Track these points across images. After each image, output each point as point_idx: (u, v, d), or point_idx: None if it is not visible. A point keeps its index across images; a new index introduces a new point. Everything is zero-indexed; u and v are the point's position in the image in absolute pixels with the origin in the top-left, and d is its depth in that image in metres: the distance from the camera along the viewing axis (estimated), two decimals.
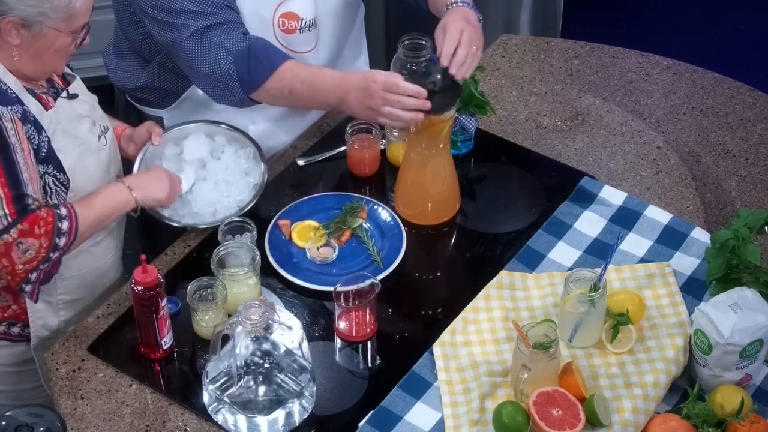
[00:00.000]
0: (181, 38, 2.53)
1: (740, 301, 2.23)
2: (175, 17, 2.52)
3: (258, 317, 2.15)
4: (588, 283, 2.29)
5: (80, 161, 2.39)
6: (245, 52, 2.53)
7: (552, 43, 3.26)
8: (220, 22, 2.53)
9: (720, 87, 3.09)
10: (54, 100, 2.37)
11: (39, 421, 2.04)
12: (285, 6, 2.64)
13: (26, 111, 2.28)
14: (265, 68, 2.54)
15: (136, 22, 2.67)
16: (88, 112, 2.45)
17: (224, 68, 2.53)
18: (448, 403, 2.24)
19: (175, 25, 2.53)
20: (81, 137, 2.40)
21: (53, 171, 2.34)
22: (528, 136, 2.87)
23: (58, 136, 2.34)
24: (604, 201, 2.66)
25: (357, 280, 2.37)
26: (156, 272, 2.27)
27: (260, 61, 2.54)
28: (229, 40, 2.53)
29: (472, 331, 2.38)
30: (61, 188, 2.37)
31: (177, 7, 2.52)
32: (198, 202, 2.58)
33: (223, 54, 2.53)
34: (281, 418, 2.21)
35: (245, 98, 2.59)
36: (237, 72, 2.53)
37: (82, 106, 2.44)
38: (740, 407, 2.15)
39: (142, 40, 2.71)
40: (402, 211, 2.65)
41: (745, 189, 2.78)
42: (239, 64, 2.53)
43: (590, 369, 2.28)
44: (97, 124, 2.47)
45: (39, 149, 2.30)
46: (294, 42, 2.68)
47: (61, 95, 2.39)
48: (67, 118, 2.38)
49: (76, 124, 2.40)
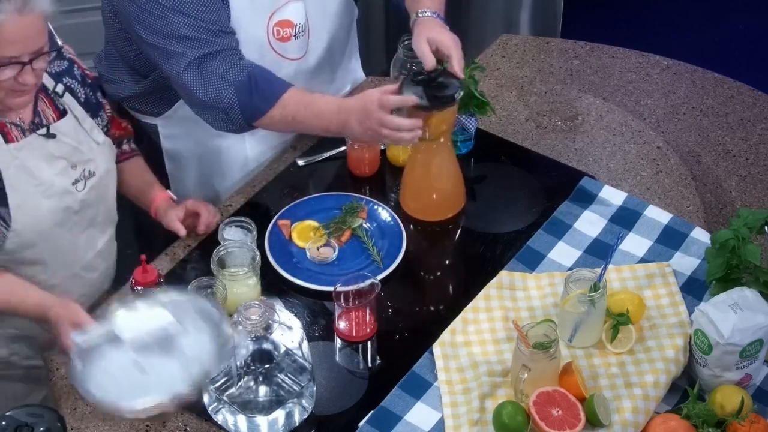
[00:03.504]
0: (178, 69, 2.50)
1: (740, 301, 2.23)
2: (168, 43, 2.49)
3: (258, 317, 2.15)
4: (588, 283, 2.29)
5: (31, 201, 2.29)
6: (246, 83, 2.50)
7: (552, 43, 3.26)
8: (217, 51, 2.49)
9: (720, 87, 3.09)
10: (23, 135, 2.28)
11: (39, 421, 2.04)
12: (279, 14, 2.62)
13: None
14: (268, 98, 2.52)
15: (126, 39, 2.64)
16: (65, 154, 2.34)
17: (225, 99, 2.50)
18: (448, 403, 2.24)
19: (169, 52, 2.49)
20: (42, 178, 2.30)
21: None
22: (528, 136, 2.87)
23: (12, 171, 2.26)
24: (604, 201, 2.66)
25: (357, 280, 2.37)
26: (156, 272, 2.27)
27: (262, 90, 2.51)
28: (229, 70, 2.50)
29: (472, 331, 2.38)
30: (1, 222, 2.28)
31: (171, 32, 2.47)
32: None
33: (224, 85, 2.50)
34: (281, 418, 2.21)
35: (246, 126, 2.57)
36: (239, 102, 2.51)
37: (59, 147, 2.34)
38: (740, 407, 2.15)
39: (135, 56, 2.67)
40: (408, 207, 2.65)
41: (745, 189, 2.78)
42: (241, 95, 2.50)
43: (590, 369, 2.28)
44: (78, 168, 2.37)
45: None
46: (288, 50, 2.67)
47: (38, 131, 2.30)
48: (34, 156, 2.29)
49: (42, 163, 2.30)
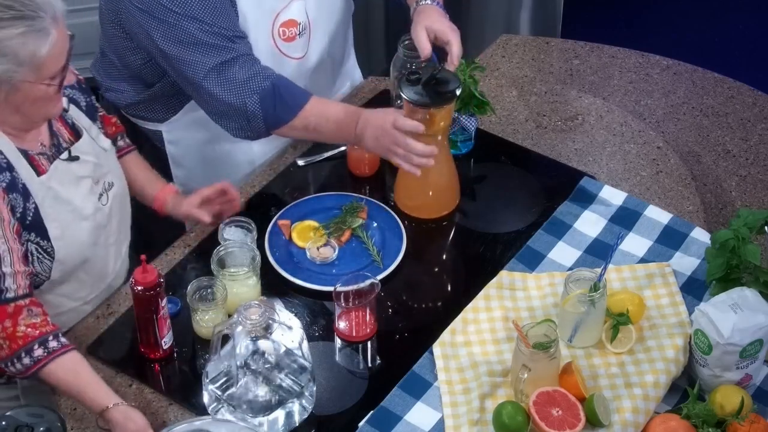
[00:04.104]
0: (198, 77, 2.51)
1: (740, 301, 2.23)
2: (184, 50, 2.49)
3: (258, 317, 2.15)
4: (588, 283, 2.29)
5: (69, 230, 2.30)
6: (270, 91, 2.52)
7: (552, 43, 3.26)
8: (235, 57, 2.51)
9: (720, 87, 3.09)
10: (50, 163, 2.28)
11: (39, 421, 2.04)
12: (284, 14, 2.63)
13: (14, 178, 2.21)
14: (291, 108, 2.55)
15: (132, 48, 2.63)
16: (89, 172, 2.36)
17: (250, 107, 2.52)
18: (448, 403, 2.24)
19: (186, 60, 2.50)
20: (75, 203, 2.31)
21: (36, 239, 2.26)
22: (528, 136, 2.87)
23: (48, 202, 2.27)
24: (604, 201, 2.66)
25: (357, 280, 2.37)
26: (156, 272, 2.27)
27: (285, 100, 2.54)
28: (252, 78, 2.51)
29: (472, 331, 2.37)
30: (45, 256, 2.29)
31: (187, 40, 2.48)
32: None
33: (249, 93, 2.51)
34: (281, 418, 2.20)
35: (265, 134, 2.60)
36: (263, 111, 2.53)
37: (82, 168, 2.34)
38: (740, 407, 2.15)
39: (142, 65, 2.66)
40: (403, 204, 2.64)
41: (745, 189, 2.78)
42: (265, 104, 2.52)
43: (590, 369, 2.28)
44: (100, 182, 2.39)
45: (24, 217, 2.23)
46: (293, 49, 2.68)
47: (60, 157, 2.31)
48: (63, 182, 2.30)
49: (72, 188, 2.32)
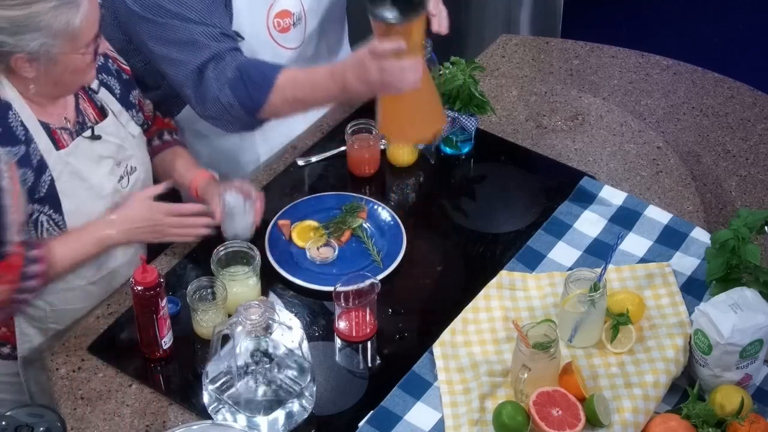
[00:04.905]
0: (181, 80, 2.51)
1: (740, 301, 2.23)
2: (170, 49, 2.49)
3: (258, 317, 2.15)
4: (588, 283, 2.29)
5: (84, 206, 2.33)
6: (238, 78, 2.49)
7: (552, 43, 3.26)
8: (211, 57, 2.49)
9: (720, 87, 3.09)
10: (72, 139, 2.30)
11: (39, 421, 2.04)
12: (278, 5, 2.63)
13: (31, 151, 2.23)
14: (261, 86, 2.50)
15: (133, 50, 2.63)
16: (112, 153, 2.38)
17: (224, 100, 2.50)
18: (448, 403, 2.24)
19: (174, 61, 2.50)
20: (93, 181, 2.34)
21: (49, 211, 2.28)
22: (528, 136, 2.87)
23: (64, 177, 2.28)
24: (604, 201, 2.66)
25: (357, 280, 2.37)
26: (156, 272, 2.27)
27: (255, 81, 2.49)
28: (221, 72, 2.49)
29: (472, 331, 2.37)
30: (55, 228, 2.31)
31: (174, 38, 2.48)
32: None
33: (219, 87, 2.49)
34: (281, 418, 2.21)
35: (254, 121, 2.56)
36: (237, 99, 2.50)
37: (105, 147, 2.36)
38: (740, 407, 2.15)
39: (143, 67, 2.65)
40: (387, 129, 2.54)
41: (745, 189, 2.78)
42: (236, 91, 2.49)
43: (590, 369, 2.28)
44: (122, 165, 2.40)
45: (34, 190, 2.24)
46: (289, 39, 2.68)
47: (83, 134, 2.33)
48: (83, 159, 2.32)
49: (92, 166, 2.34)
